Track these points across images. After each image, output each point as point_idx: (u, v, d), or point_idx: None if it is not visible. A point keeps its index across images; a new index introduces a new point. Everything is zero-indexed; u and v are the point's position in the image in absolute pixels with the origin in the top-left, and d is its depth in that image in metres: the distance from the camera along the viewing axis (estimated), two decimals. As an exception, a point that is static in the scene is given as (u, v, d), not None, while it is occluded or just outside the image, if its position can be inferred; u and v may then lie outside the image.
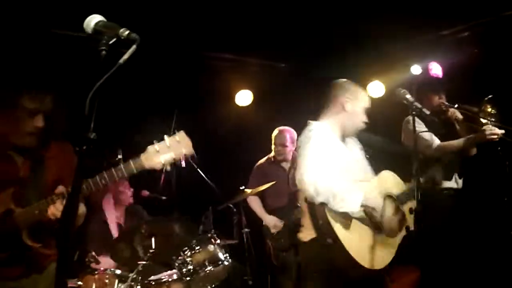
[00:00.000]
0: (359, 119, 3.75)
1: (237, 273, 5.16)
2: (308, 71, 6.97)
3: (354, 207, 3.37)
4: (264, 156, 6.03)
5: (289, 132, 5.88)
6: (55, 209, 2.65)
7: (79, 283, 4.26)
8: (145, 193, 5.54)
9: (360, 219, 3.46)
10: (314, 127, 3.63)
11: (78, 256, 4.62)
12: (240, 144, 6.96)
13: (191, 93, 6.42)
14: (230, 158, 6.84)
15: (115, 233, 5.09)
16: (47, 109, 2.79)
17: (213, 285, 4.96)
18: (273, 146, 5.90)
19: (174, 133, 2.46)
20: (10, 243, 2.72)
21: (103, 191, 5.04)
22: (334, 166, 3.46)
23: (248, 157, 6.53)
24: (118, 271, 4.34)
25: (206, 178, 5.52)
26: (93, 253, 4.37)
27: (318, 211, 3.41)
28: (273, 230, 5.54)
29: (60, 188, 2.72)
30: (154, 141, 2.46)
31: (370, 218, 3.49)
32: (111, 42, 1.79)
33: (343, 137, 3.76)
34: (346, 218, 3.40)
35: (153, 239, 4.40)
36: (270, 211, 5.65)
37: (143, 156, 2.46)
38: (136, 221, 5.13)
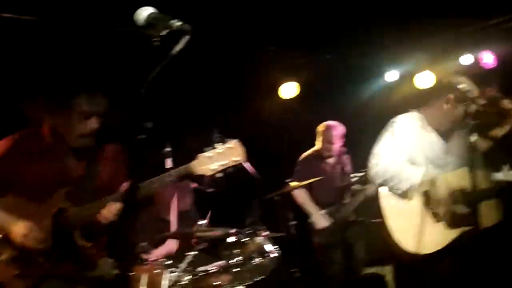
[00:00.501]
0: (457, 112, 3.71)
1: (285, 266, 5.14)
2: (354, 62, 6.89)
3: (407, 187, 3.57)
4: (308, 149, 5.99)
5: (337, 129, 5.83)
6: (108, 212, 2.72)
7: (130, 273, 4.33)
8: (193, 185, 5.58)
9: (414, 204, 3.61)
10: (397, 119, 3.80)
11: (128, 247, 4.69)
12: (284, 137, 6.94)
13: (236, 85, 6.43)
14: (274, 150, 6.83)
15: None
16: (102, 111, 2.84)
17: (260, 277, 4.97)
18: (319, 141, 5.86)
19: (225, 141, 2.51)
20: (62, 242, 2.77)
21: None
22: (406, 154, 3.65)
23: (293, 149, 6.51)
24: (169, 262, 4.38)
25: (251, 170, 5.51)
26: (144, 244, 4.42)
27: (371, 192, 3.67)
28: (319, 227, 5.50)
29: (115, 193, 2.80)
30: (205, 149, 2.51)
31: (427, 205, 3.58)
32: (163, 34, 1.80)
33: (443, 130, 3.79)
34: (399, 200, 3.63)
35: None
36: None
37: (194, 162, 2.52)
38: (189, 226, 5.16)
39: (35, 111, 2.85)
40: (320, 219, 5.52)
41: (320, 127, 5.90)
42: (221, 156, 2.48)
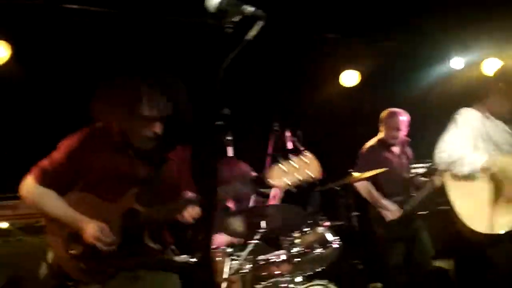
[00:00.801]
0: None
1: (346, 257, 5.07)
2: (416, 50, 6.71)
3: (471, 170, 3.73)
4: (370, 138, 5.87)
5: (403, 115, 5.67)
6: (189, 214, 2.79)
7: (192, 259, 4.37)
8: (252, 174, 5.56)
9: (481, 186, 3.75)
10: (460, 112, 3.91)
11: (191, 234, 4.73)
12: (345, 125, 6.84)
13: (297, 73, 6.37)
14: (335, 139, 6.75)
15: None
16: (165, 116, 2.82)
17: (321, 268, 4.92)
18: (383, 128, 5.72)
19: (301, 153, 2.46)
20: (131, 242, 2.78)
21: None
22: (470, 142, 3.80)
23: (353, 138, 6.41)
24: (230, 249, 4.39)
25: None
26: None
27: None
28: (391, 217, 5.37)
29: (190, 194, 2.83)
30: (280, 160, 2.45)
31: (496, 187, 3.71)
32: (235, 20, 1.77)
33: (508, 117, 3.90)
34: (466, 184, 3.79)
35: (263, 221, 4.40)
36: None
37: (267, 175, 2.46)
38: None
39: (101, 111, 2.83)
40: (392, 210, 5.39)
41: (385, 114, 5.74)
42: (296, 171, 2.42)
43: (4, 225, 4.69)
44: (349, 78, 6.96)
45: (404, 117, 5.63)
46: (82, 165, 2.81)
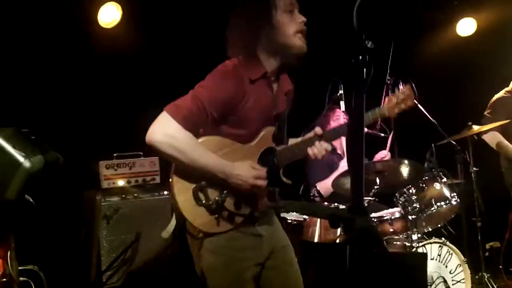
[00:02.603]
0: None
1: (465, 214, 4.83)
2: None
3: None
4: (487, 91, 5.50)
5: None
6: (318, 150, 2.65)
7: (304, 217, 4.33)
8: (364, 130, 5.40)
9: None
10: None
11: (303, 190, 4.69)
12: (461, 77, 6.46)
13: (411, 22, 6.03)
14: (451, 91, 6.41)
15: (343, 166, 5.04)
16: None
17: (438, 225, 4.73)
18: None
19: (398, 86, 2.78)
20: (272, 179, 2.67)
21: None
22: None
23: (471, 90, 6.05)
24: (342, 206, 4.29)
25: (426, 113, 5.18)
26: (318, 187, 4.38)
27: None
28: None
29: (317, 129, 2.68)
30: (390, 93, 2.74)
31: None
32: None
33: None
34: None
35: (377, 177, 4.26)
36: None
37: (385, 106, 2.70)
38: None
39: (238, 41, 2.68)
40: None
41: None
42: (402, 101, 2.70)
43: (121, 183, 4.84)
44: (466, 26, 6.51)
45: None
46: (232, 105, 2.57)
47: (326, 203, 4.48)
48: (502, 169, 5.39)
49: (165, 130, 2.51)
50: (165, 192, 4.82)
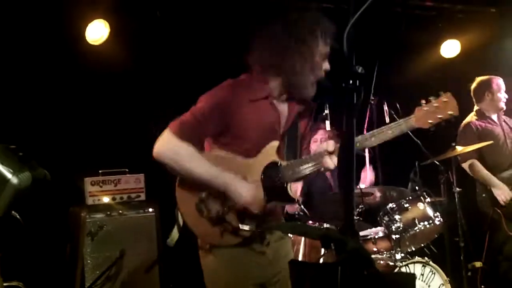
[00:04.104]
0: None
1: (448, 234, 4.87)
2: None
3: None
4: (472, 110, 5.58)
5: (501, 81, 5.39)
6: (331, 163, 2.56)
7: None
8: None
9: None
10: None
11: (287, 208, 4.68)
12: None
13: (395, 43, 6.12)
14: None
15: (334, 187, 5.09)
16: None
17: (422, 245, 4.77)
18: (484, 96, 5.41)
19: (439, 94, 2.48)
20: (277, 194, 2.67)
21: None
22: None
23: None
24: (326, 225, 4.33)
25: (410, 134, 5.24)
26: (302, 207, 4.41)
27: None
28: (503, 199, 5.09)
29: (324, 145, 2.61)
30: (422, 102, 2.50)
31: None
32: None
33: None
34: None
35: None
36: None
37: (414, 116, 2.50)
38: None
39: (259, 60, 2.70)
40: (504, 192, 5.10)
41: (481, 81, 5.45)
42: (437, 110, 2.47)
43: (106, 199, 4.83)
44: (450, 48, 6.61)
45: (503, 83, 5.35)
46: (231, 116, 2.63)
47: (310, 221, 4.50)
48: (477, 197, 5.41)
49: (164, 143, 2.62)
50: (150, 209, 4.83)
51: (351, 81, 1.58)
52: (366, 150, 4.74)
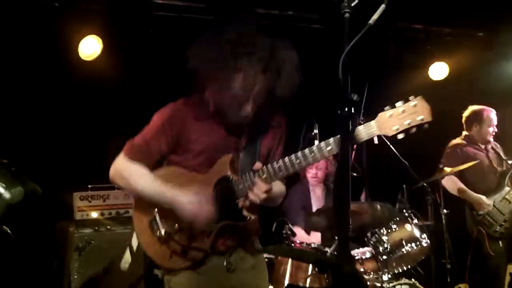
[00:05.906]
0: None
1: (435, 255, 4.90)
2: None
3: None
4: (458, 134, 5.65)
5: (493, 112, 5.48)
6: (258, 190, 2.49)
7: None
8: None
9: None
10: None
11: (276, 228, 4.69)
12: (433, 120, 6.59)
13: (383, 65, 6.19)
14: (423, 135, 6.52)
15: (315, 206, 5.11)
16: (261, 99, 2.58)
17: (409, 266, 4.78)
18: (474, 125, 5.51)
19: (408, 99, 2.20)
20: (229, 211, 2.61)
21: None
22: None
23: (443, 134, 6.17)
24: (314, 245, 4.34)
25: (398, 155, 5.29)
26: (290, 226, 4.42)
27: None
28: (481, 212, 5.17)
29: (258, 164, 2.55)
30: (385, 108, 2.22)
31: None
32: (353, 4, 1.71)
33: None
34: None
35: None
36: None
37: (373, 122, 2.23)
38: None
39: (199, 80, 2.65)
40: (480, 201, 5.18)
41: (474, 111, 5.54)
42: (404, 115, 2.17)
43: (94, 215, 4.81)
44: (438, 71, 6.68)
45: (494, 114, 5.43)
46: (177, 135, 2.64)
47: (298, 241, 4.51)
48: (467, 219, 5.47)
49: (116, 165, 2.71)
50: (138, 225, 4.81)
51: (346, 108, 1.60)
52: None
